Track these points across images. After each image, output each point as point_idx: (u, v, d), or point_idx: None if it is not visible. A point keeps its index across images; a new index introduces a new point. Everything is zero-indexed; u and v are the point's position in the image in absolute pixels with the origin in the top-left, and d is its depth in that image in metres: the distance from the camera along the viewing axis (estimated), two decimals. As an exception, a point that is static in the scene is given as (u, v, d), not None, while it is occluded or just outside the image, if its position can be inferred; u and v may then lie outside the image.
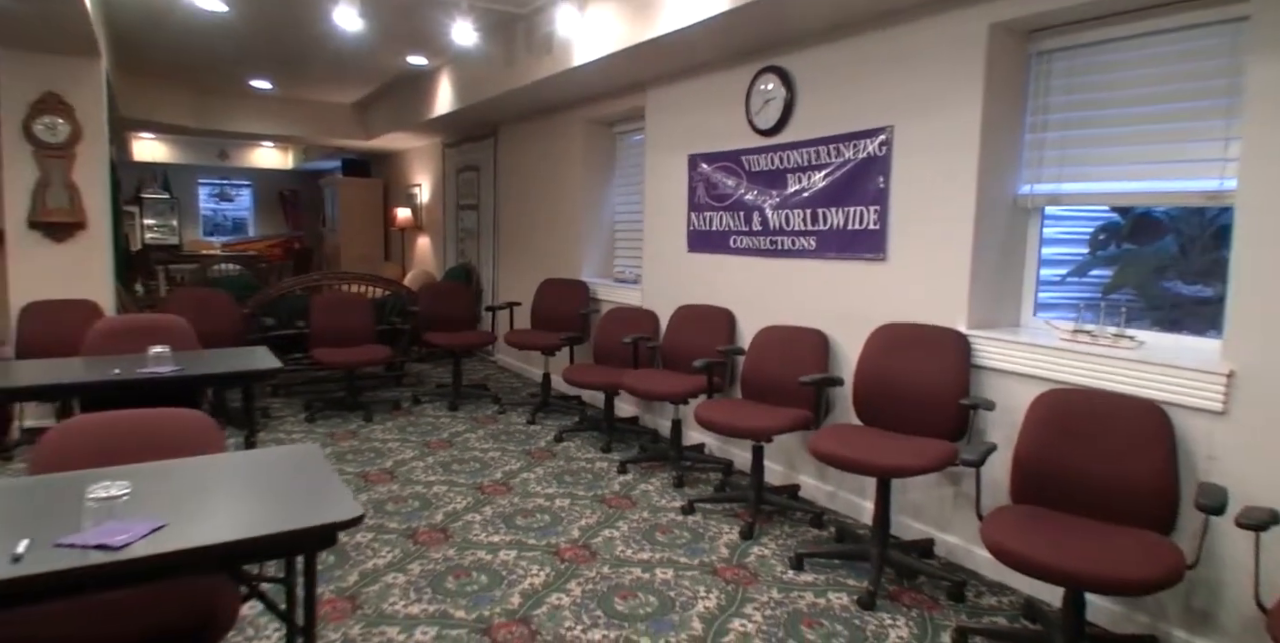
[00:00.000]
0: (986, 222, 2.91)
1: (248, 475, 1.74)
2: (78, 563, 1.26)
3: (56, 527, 1.37)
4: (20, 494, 1.57)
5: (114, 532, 1.34)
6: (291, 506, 1.56)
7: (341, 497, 1.58)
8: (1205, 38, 2.41)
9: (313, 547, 1.52)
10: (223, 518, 1.48)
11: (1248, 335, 2.20)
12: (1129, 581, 1.97)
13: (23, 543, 1.30)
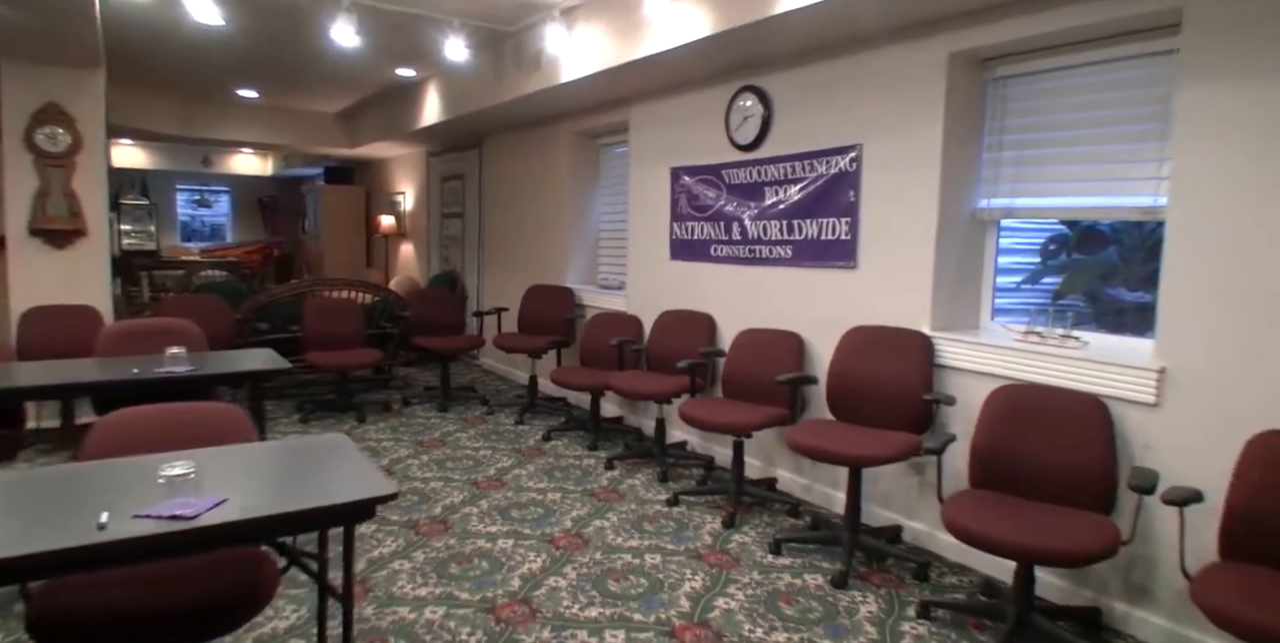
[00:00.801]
0: (947, 233, 3.17)
1: (288, 460, 1.93)
2: (155, 531, 1.44)
3: (128, 502, 1.55)
4: (88, 477, 1.74)
5: (184, 505, 1.53)
6: (332, 484, 1.75)
7: (375, 478, 1.78)
8: (1140, 68, 2.69)
9: (353, 519, 1.71)
10: (274, 495, 1.67)
11: (1176, 337, 2.46)
12: (1070, 553, 2.22)
13: (104, 515, 1.48)
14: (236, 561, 1.85)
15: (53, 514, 1.52)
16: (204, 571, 1.79)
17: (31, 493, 1.63)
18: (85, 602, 1.69)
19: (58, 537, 1.39)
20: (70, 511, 1.53)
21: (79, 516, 1.49)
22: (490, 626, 2.53)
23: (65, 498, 1.61)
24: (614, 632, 2.51)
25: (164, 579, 1.77)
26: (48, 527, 1.44)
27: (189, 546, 1.53)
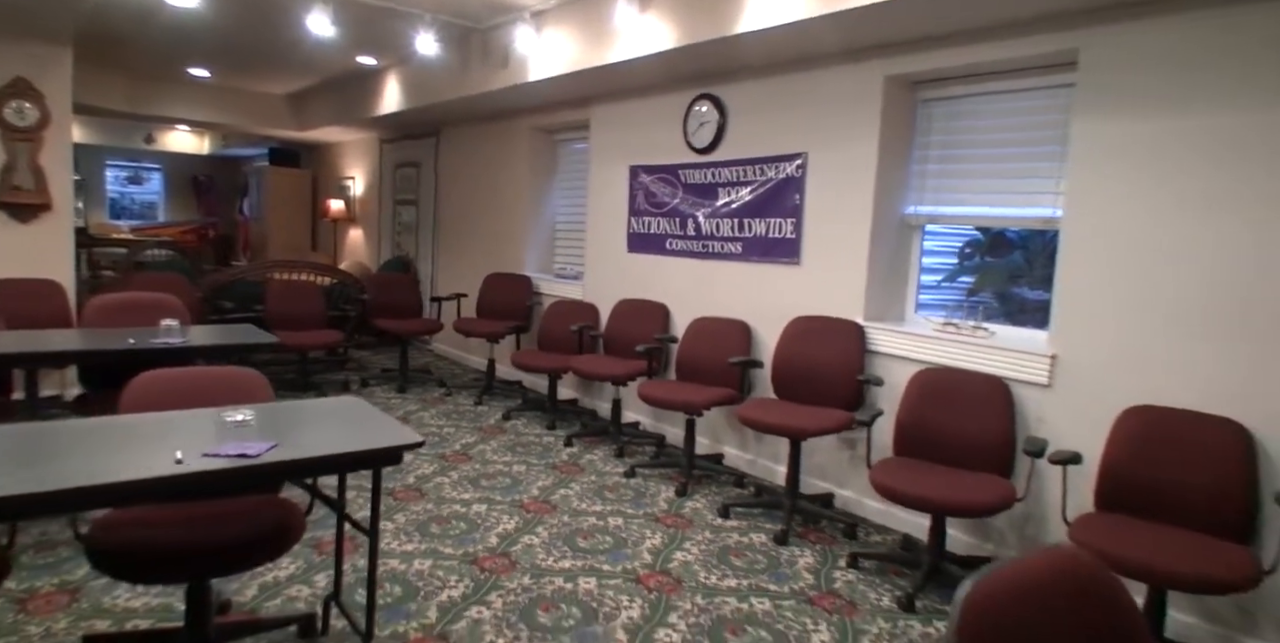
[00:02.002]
0: (880, 235, 3.59)
1: (317, 415, 2.19)
2: (227, 466, 1.70)
3: (193, 445, 1.80)
4: (146, 426, 1.97)
5: (246, 446, 1.79)
6: (362, 434, 2.02)
7: (401, 430, 2.06)
8: (1045, 98, 3.15)
9: (385, 463, 1.99)
10: (315, 442, 1.93)
11: (1066, 329, 2.93)
12: (975, 505, 2.67)
13: (178, 453, 1.73)
14: (268, 505, 2.11)
15: (130, 454, 1.75)
16: (239, 514, 2.04)
17: (101, 438, 1.86)
18: (136, 536, 1.93)
19: (145, 469, 1.64)
20: (144, 451, 1.77)
21: (155, 455, 1.73)
22: (475, 574, 2.83)
23: (134, 442, 1.85)
24: (586, 579, 2.84)
25: (203, 520, 2.01)
26: (131, 463, 1.68)
27: (252, 479, 1.78)
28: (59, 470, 1.62)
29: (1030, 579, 0.95)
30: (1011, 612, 0.88)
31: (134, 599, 2.54)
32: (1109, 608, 0.99)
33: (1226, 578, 2.12)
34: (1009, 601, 0.90)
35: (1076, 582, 0.98)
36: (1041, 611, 0.91)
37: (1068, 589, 0.96)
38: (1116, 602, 1.01)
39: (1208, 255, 2.55)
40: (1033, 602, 0.92)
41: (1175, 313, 2.63)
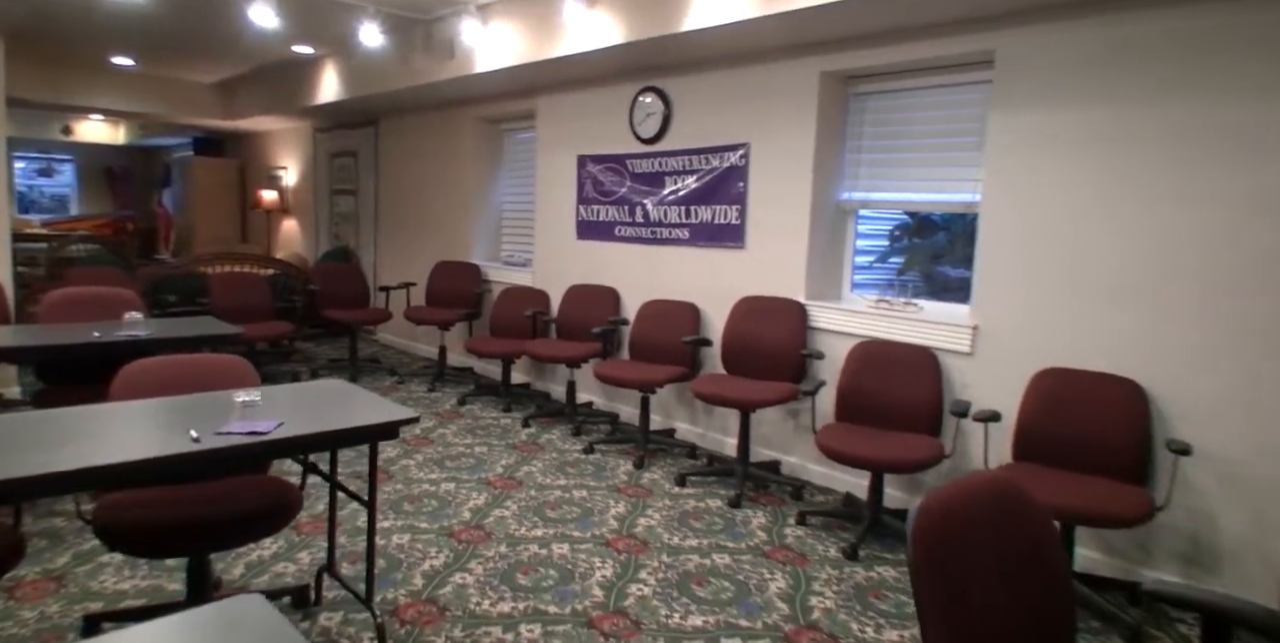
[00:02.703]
0: (818, 219, 3.87)
1: (311, 396, 2.30)
2: (243, 442, 1.83)
3: (204, 425, 1.91)
4: (152, 409, 2.06)
5: (255, 425, 1.91)
6: (357, 412, 2.16)
7: (392, 407, 2.21)
8: (965, 93, 3.45)
9: (382, 437, 2.13)
10: (316, 419, 2.06)
11: (985, 302, 3.26)
12: (909, 461, 2.96)
13: (193, 431, 1.84)
14: (263, 483, 2.23)
15: (144, 435, 1.85)
16: (238, 492, 2.16)
17: (110, 421, 1.95)
18: (146, 515, 2.03)
19: (164, 447, 1.75)
20: (157, 432, 1.87)
21: (169, 435, 1.84)
22: (454, 545, 2.99)
23: (145, 424, 1.94)
24: (559, 545, 3.03)
25: (204, 500, 2.12)
26: (148, 442, 1.79)
27: (266, 454, 1.92)
28: (77, 452, 1.71)
29: (969, 494, 1.19)
30: (957, 515, 1.12)
31: (122, 582, 2.61)
32: (1029, 515, 1.25)
33: (1126, 514, 2.45)
34: (954, 509, 1.14)
35: (1005, 495, 1.23)
36: (978, 517, 1.16)
37: (998, 501, 1.21)
38: (1034, 512, 1.27)
39: (1109, 236, 2.89)
40: (972, 510, 1.16)
41: (1080, 286, 2.97)
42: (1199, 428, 2.69)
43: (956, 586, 1.06)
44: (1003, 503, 1.19)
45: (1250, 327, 2.57)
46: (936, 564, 1.06)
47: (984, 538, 1.16)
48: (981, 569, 1.10)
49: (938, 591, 1.05)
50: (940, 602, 1.05)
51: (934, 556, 1.08)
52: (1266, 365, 2.55)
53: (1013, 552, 1.15)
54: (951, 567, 1.08)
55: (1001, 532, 1.19)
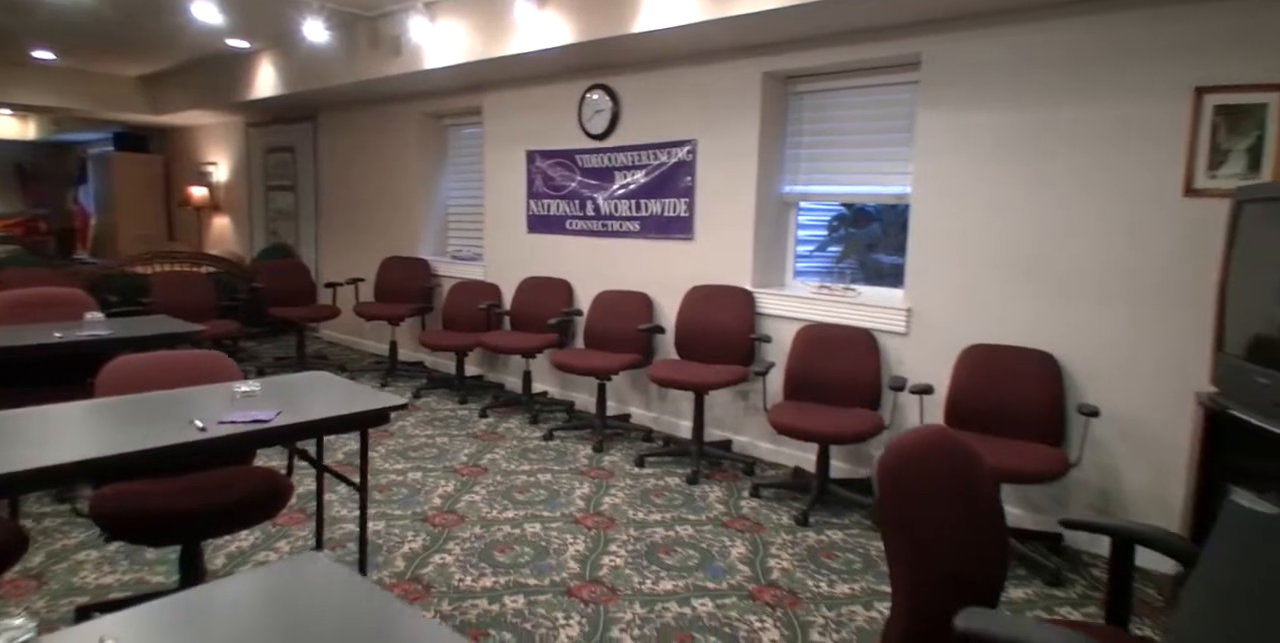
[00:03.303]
0: (762, 211, 4.10)
1: (299, 387, 2.40)
2: (247, 429, 1.93)
3: (204, 415, 2.00)
4: (147, 403, 2.13)
5: (256, 414, 2.01)
6: (347, 400, 2.28)
7: (380, 396, 2.33)
8: (896, 93, 3.73)
9: (374, 423, 2.25)
10: (309, 408, 2.17)
11: (917, 287, 3.55)
12: (853, 433, 3.23)
13: (197, 421, 1.94)
14: (255, 473, 2.32)
15: (147, 426, 1.94)
16: (231, 482, 2.25)
17: (111, 415, 2.02)
18: (142, 504, 2.11)
19: (176, 436, 1.85)
20: (160, 423, 1.96)
21: (173, 425, 1.93)
22: (429, 529, 3.11)
23: (145, 416, 2.02)
24: (531, 525, 3.19)
25: (198, 489, 2.20)
26: (153, 433, 1.87)
27: (268, 440, 2.02)
28: (88, 443, 1.79)
29: (922, 441, 1.41)
30: (913, 457, 1.34)
31: (103, 577, 2.65)
32: (968, 459, 1.48)
33: (1045, 471, 2.76)
34: (910, 453, 1.36)
35: (950, 442, 1.46)
36: (930, 459, 1.38)
37: (944, 447, 1.44)
38: (972, 456, 1.51)
39: (1024, 224, 3.20)
40: (925, 454, 1.38)
41: (1001, 270, 3.28)
42: (1105, 392, 3.02)
43: (912, 510, 1.28)
44: (946, 447, 1.42)
45: (1141, 302, 2.91)
46: (896, 493, 1.28)
47: (933, 473, 1.39)
48: (931, 496, 1.32)
49: (899, 514, 1.27)
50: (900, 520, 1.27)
51: (894, 487, 1.30)
52: (1157, 337, 2.89)
53: (956, 483, 1.38)
54: (908, 496, 1.29)
55: (946, 469, 1.42)
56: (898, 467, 1.31)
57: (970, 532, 1.39)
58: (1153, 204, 2.87)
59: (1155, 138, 2.85)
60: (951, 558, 1.33)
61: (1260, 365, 2.21)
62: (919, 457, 1.35)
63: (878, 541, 3.12)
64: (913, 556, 1.27)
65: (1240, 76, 2.65)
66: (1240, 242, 2.38)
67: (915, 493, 1.31)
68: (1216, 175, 2.70)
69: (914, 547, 1.27)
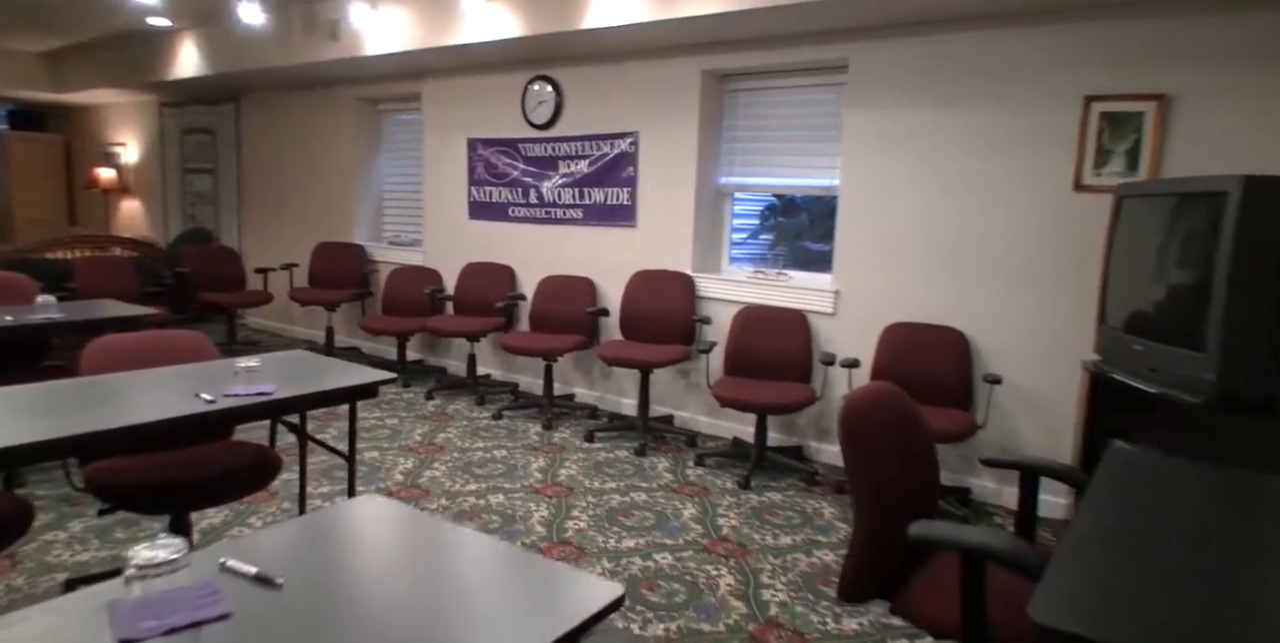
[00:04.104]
0: (701, 201, 4.37)
1: (284, 365, 2.51)
2: (254, 401, 2.06)
3: (207, 389, 2.11)
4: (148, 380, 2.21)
5: (260, 387, 2.13)
6: (335, 376, 2.41)
7: (365, 370, 2.47)
8: (825, 93, 4.04)
9: (364, 396, 2.39)
10: (302, 383, 2.30)
11: (844, 271, 3.89)
12: (787, 403, 3.55)
13: (204, 394, 2.05)
14: (244, 446, 2.44)
15: (155, 399, 2.03)
16: (223, 455, 2.36)
17: (115, 390, 2.10)
18: (141, 477, 2.20)
19: (184, 409, 1.96)
20: (166, 397, 2.06)
21: (179, 399, 2.04)
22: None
23: (151, 390, 2.11)
24: (494, 496, 3.38)
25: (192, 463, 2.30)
26: (162, 406, 1.98)
27: (270, 411, 2.14)
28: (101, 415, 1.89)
29: (874, 394, 1.70)
30: (868, 407, 1.63)
31: (78, 555, 2.70)
32: (908, 410, 1.78)
33: (957, 432, 3.14)
34: (864, 404, 1.65)
35: (895, 396, 1.76)
36: (879, 409, 1.67)
37: (890, 399, 1.73)
38: (912, 407, 1.81)
39: (939, 214, 3.58)
40: (875, 404, 1.67)
41: (918, 256, 3.65)
42: (1006, 363, 3.44)
43: (866, 454, 1.57)
44: (893, 401, 1.71)
45: (1038, 283, 3.34)
46: (854, 437, 1.56)
47: (882, 419, 1.67)
48: (882, 441, 1.61)
49: (858, 454, 1.55)
50: (859, 462, 1.55)
51: (854, 430, 1.58)
52: (1051, 313, 3.32)
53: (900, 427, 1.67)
54: (863, 439, 1.58)
55: (893, 416, 1.71)
56: (857, 415, 1.59)
57: (913, 466, 1.69)
58: (1048, 198, 3.29)
59: (1051, 140, 3.26)
60: (900, 487, 1.63)
61: (1136, 335, 2.62)
62: (872, 407, 1.63)
63: (813, 499, 3.46)
64: (871, 484, 1.56)
65: (1122, 87, 3.08)
66: (1120, 231, 2.80)
67: (871, 434, 1.60)
68: (1101, 174, 3.13)
69: (871, 477, 1.56)
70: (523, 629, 1.07)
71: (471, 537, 1.38)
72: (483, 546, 1.34)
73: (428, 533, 1.39)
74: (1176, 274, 2.51)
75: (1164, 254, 2.57)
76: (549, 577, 1.24)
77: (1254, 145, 2.85)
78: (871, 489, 1.56)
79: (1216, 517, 1.50)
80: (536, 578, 1.23)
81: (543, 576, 1.24)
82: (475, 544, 1.35)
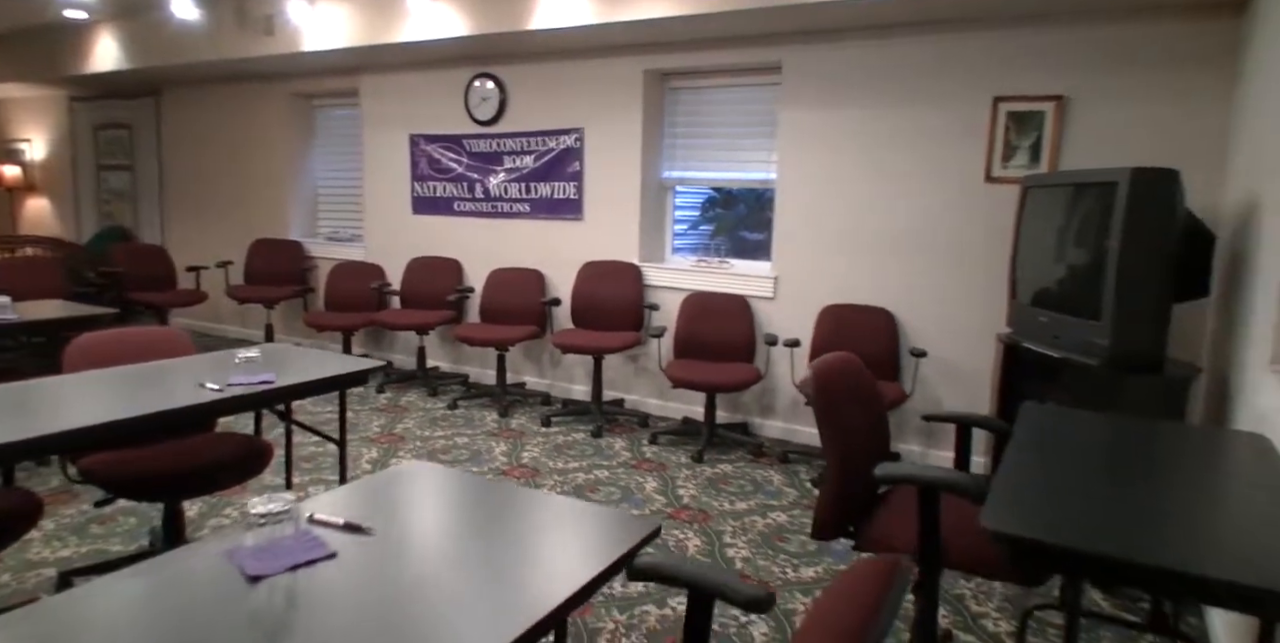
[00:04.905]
0: (646, 193, 4.60)
1: (276, 357, 2.60)
2: (257, 390, 2.17)
3: (208, 379, 2.21)
4: (150, 372, 2.28)
5: (262, 376, 2.24)
6: (323, 365, 2.52)
7: (351, 359, 2.59)
8: (761, 91, 4.31)
9: (355, 384, 2.52)
10: (296, 372, 2.41)
11: (781, 257, 4.19)
12: (735, 382, 3.82)
13: (210, 384, 2.15)
14: (232, 437, 2.53)
15: (158, 392, 2.12)
16: (214, 445, 2.45)
17: (121, 384, 2.16)
18: (139, 467, 2.27)
19: (188, 399, 2.06)
20: (172, 388, 2.14)
21: (183, 390, 2.13)
22: (371, 488, 3.37)
23: (153, 383, 2.19)
24: (464, 478, 3.53)
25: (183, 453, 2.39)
26: (170, 396, 2.07)
27: (275, 399, 2.25)
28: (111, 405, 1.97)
29: (838, 360, 1.96)
30: (833, 370, 1.89)
31: (60, 551, 2.72)
32: (864, 374, 2.06)
33: (889, 400, 3.47)
34: (832, 367, 1.91)
35: (854, 363, 2.02)
36: (844, 373, 1.93)
37: (851, 365, 2.00)
38: (866, 372, 2.08)
39: (867, 204, 3.91)
40: (841, 369, 1.93)
41: (849, 243, 3.98)
42: (929, 338, 3.80)
43: (834, 410, 1.83)
44: (851, 366, 1.98)
45: (956, 265, 3.71)
46: (824, 396, 1.82)
47: (845, 383, 1.94)
48: (846, 397, 1.88)
49: (827, 408, 1.81)
50: (828, 417, 1.81)
51: (823, 390, 1.84)
52: (968, 291, 3.69)
53: (859, 387, 1.94)
54: (832, 395, 1.84)
55: (853, 380, 1.98)
56: (827, 375, 1.85)
57: (870, 421, 1.97)
58: (964, 188, 3.65)
59: (965, 136, 3.62)
60: (861, 437, 1.90)
61: (1041, 308, 2.99)
62: (839, 371, 1.89)
63: (761, 469, 3.75)
64: (838, 434, 1.82)
65: (1025, 89, 3.46)
66: (1026, 217, 3.17)
67: (837, 391, 1.86)
68: (1008, 166, 3.51)
69: (838, 428, 1.82)
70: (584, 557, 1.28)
71: (514, 487, 1.59)
72: (528, 495, 1.55)
73: (474, 486, 1.60)
74: (1075, 254, 2.88)
75: (1064, 237, 2.95)
76: (594, 516, 1.45)
77: (1139, 140, 3.27)
78: (839, 439, 1.82)
79: (1117, 451, 1.82)
80: (584, 517, 1.45)
81: (589, 516, 1.45)
82: (521, 494, 1.56)
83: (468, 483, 1.64)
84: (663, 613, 2.40)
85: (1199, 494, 1.50)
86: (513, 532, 1.38)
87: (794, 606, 2.48)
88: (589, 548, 1.33)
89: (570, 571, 1.25)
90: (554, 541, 1.36)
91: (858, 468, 1.83)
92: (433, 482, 1.64)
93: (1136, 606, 2.54)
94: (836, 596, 0.88)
